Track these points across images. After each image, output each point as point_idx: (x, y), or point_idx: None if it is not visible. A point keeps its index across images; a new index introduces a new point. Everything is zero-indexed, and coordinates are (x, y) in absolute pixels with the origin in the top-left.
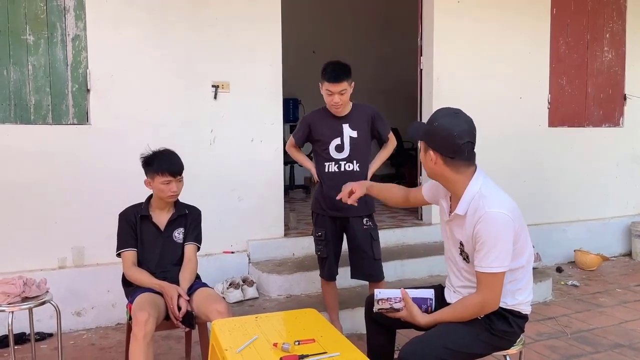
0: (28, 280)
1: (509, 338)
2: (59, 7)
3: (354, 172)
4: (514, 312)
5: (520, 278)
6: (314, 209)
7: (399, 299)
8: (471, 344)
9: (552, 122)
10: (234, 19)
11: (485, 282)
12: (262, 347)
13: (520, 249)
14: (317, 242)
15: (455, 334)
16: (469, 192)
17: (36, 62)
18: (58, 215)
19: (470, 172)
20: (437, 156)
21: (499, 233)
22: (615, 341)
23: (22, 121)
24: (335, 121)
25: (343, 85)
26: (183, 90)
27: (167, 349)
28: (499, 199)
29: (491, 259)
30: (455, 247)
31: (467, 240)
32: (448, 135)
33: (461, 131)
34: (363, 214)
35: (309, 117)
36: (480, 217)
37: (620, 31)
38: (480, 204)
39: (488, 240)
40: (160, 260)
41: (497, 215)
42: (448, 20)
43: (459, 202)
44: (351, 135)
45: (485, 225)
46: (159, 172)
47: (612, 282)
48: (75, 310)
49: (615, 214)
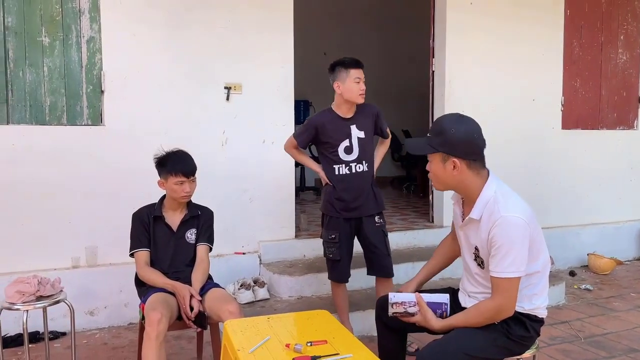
0: (42, 280)
1: (526, 343)
2: (74, 9)
3: (364, 172)
4: (530, 317)
5: (536, 283)
6: (325, 212)
7: (414, 303)
8: (488, 349)
9: (565, 124)
10: (246, 20)
11: (501, 287)
12: (274, 348)
13: (536, 253)
14: (329, 245)
15: (472, 338)
16: (484, 196)
17: (51, 63)
18: (72, 215)
19: (485, 174)
20: (460, 162)
21: (514, 237)
22: (629, 346)
23: (38, 122)
24: (342, 123)
25: (363, 73)
26: (196, 91)
27: (178, 349)
28: (514, 202)
29: (507, 264)
30: (469, 252)
31: (482, 245)
32: (470, 138)
33: (478, 132)
34: (375, 212)
35: (316, 119)
36: (496, 222)
37: (635, 33)
38: (496, 208)
39: (504, 244)
40: (173, 261)
41: (513, 219)
42: (460, 22)
43: (473, 206)
44: (359, 136)
45: (500, 230)
46: (172, 172)
47: (626, 287)
48: (88, 310)
49: (629, 218)
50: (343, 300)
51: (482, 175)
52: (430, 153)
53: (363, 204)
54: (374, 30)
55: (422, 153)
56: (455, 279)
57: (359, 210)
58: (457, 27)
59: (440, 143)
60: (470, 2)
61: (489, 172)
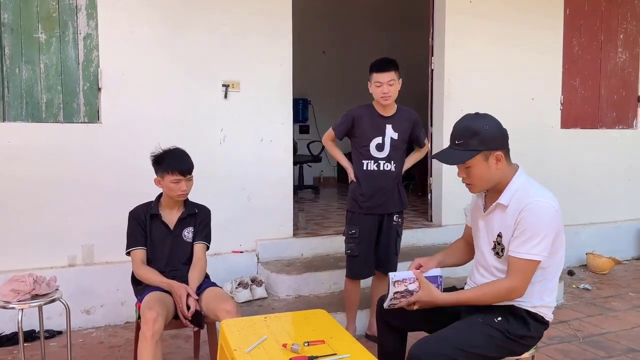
0: (38, 278)
1: (525, 343)
2: (70, 6)
3: (391, 172)
4: (537, 317)
5: (550, 279)
6: (349, 208)
7: (413, 279)
8: (484, 346)
9: (564, 123)
10: (245, 18)
11: (519, 268)
12: (271, 348)
13: (556, 248)
14: (349, 240)
15: (468, 334)
16: (515, 183)
17: (48, 60)
18: (68, 213)
19: (514, 165)
20: (501, 155)
21: (544, 222)
22: (628, 346)
23: (34, 119)
24: (379, 120)
25: (391, 75)
26: (194, 89)
27: (175, 348)
28: (545, 192)
29: (531, 246)
30: (488, 242)
31: (507, 230)
32: (500, 129)
33: (499, 121)
34: (396, 210)
35: (355, 111)
36: (527, 205)
37: (635, 32)
38: (526, 194)
39: (532, 227)
40: (170, 259)
41: (545, 204)
42: (460, 21)
43: (502, 193)
44: (392, 136)
45: (530, 213)
46: (169, 171)
47: (625, 286)
48: (85, 309)
49: (627, 217)
50: (354, 299)
51: (512, 166)
52: (472, 157)
53: (386, 201)
54: (373, 29)
55: (463, 161)
56: (454, 279)
57: (382, 207)
58: (456, 26)
59: (479, 142)
60: (469, 0)
61: (517, 165)
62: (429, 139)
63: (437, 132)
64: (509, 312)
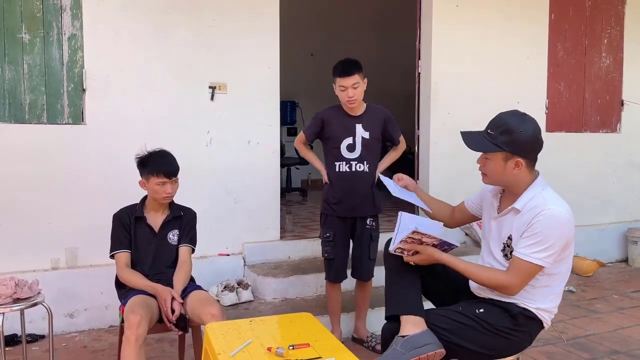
0: (20, 282)
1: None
2: (55, 6)
3: (364, 172)
4: (536, 319)
5: (555, 286)
6: (322, 210)
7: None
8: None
9: (549, 127)
10: (232, 20)
11: (520, 269)
12: (255, 352)
13: (567, 257)
14: (325, 244)
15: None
16: (532, 190)
17: (31, 61)
18: (52, 215)
19: (535, 173)
20: (523, 162)
21: (556, 230)
22: (611, 347)
23: (17, 120)
24: (348, 120)
25: (355, 79)
26: (180, 90)
27: (160, 352)
28: (562, 202)
29: (537, 250)
30: (498, 244)
31: (518, 232)
32: (536, 139)
33: (540, 132)
34: (369, 214)
35: (323, 113)
36: (542, 211)
37: (618, 37)
38: (542, 201)
39: (542, 232)
40: (155, 262)
41: (560, 213)
42: (446, 25)
43: (518, 198)
44: (363, 135)
45: (544, 219)
46: (154, 173)
47: (609, 289)
48: (68, 312)
49: (611, 220)
50: (336, 302)
51: (533, 174)
52: (494, 151)
53: (359, 205)
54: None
55: (485, 151)
56: None
57: (355, 211)
58: (443, 30)
59: (506, 142)
60: (456, 5)
61: (538, 172)
62: (416, 141)
63: (423, 134)
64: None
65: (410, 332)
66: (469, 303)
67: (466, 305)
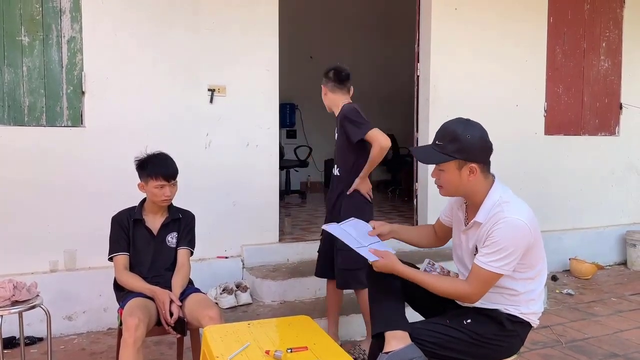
0: (18, 284)
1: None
2: (54, 9)
3: (335, 176)
4: (523, 322)
5: (534, 289)
6: None
7: None
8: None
9: (548, 130)
10: (231, 23)
11: (480, 277)
12: (254, 355)
13: (534, 260)
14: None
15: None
16: (490, 200)
17: (31, 63)
18: (50, 218)
19: (491, 179)
20: (477, 167)
21: (512, 239)
22: (610, 351)
23: (16, 123)
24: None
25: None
26: (179, 93)
27: (158, 354)
28: (519, 207)
29: (495, 259)
30: (470, 255)
31: (480, 241)
32: (485, 141)
33: (487, 135)
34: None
35: None
36: (499, 221)
37: (617, 40)
38: (500, 210)
39: (500, 241)
40: (153, 265)
41: (517, 222)
42: (445, 27)
43: (479, 210)
44: (336, 136)
45: (502, 228)
46: (153, 176)
47: (607, 291)
48: (66, 315)
49: (610, 223)
50: (331, 302)
51: (489, 179)
52: (446, 162)
53: (329, 210)
54: (360, 34)
55: (438, 162)
56: None
57: (330, 214)
58: (441, 33)
59: (456, 150)
60: (455, 8)
61: (494, 176)
62: (415, 144)
63: (422, 137)
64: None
65: (395, 348)
66: (455, 314)
67: (452, 317)
